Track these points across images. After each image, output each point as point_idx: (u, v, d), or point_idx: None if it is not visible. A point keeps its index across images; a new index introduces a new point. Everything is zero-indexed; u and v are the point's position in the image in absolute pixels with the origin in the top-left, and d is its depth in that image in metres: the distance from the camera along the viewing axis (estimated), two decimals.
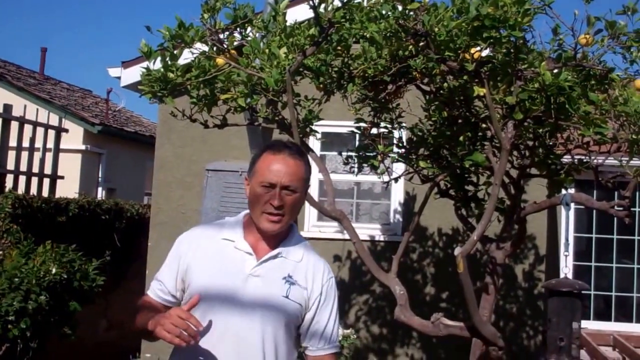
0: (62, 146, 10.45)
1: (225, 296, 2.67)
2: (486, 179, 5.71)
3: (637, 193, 10.81)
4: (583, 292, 4.64)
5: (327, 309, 2.82)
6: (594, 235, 11.06)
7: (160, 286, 2.85)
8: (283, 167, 2.71)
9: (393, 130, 5.82)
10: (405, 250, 7.80)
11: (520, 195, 5.57)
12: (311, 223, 8.81)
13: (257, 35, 5.19)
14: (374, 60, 4.84)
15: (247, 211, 2.85)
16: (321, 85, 5.30)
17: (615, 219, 10.88)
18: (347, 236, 5.17)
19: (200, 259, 2.74)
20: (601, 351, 8.83)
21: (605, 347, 9.67)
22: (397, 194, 8.60)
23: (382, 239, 8.54)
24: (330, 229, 8.59)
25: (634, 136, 4.73)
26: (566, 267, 4.80)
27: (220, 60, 4.96)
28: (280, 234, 2.79)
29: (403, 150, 5.81)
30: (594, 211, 10.39)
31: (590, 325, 10.78)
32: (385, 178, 5.79)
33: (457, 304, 8.26)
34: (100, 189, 16.23)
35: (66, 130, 11.34)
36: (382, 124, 5.78)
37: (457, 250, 4.50)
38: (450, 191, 5.76)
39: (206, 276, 2.70)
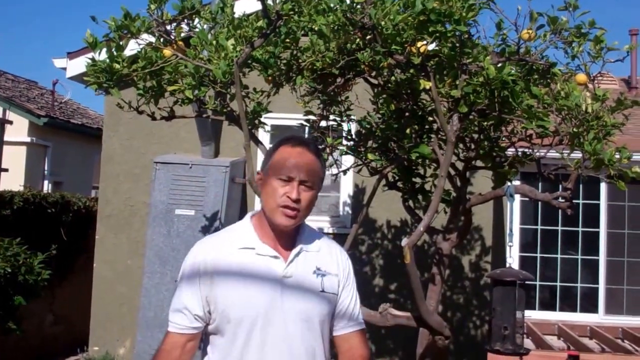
0: (6, 138, 10.29)
1: (265, 308, 2.54)
2: (433, 171, 5.78)
3: (581, 186, 11.05)
4: (527, 282, 4.72)
5: (350, 287, 2.79)
6: (539, 227, 11.25)
7: (187, 316, 2.57)
8: (302, 161, 2.63)
9: (342, 123, 5.86)
10: (354, 242, 7.87)
11: (466, 187, 5.67)
12: None
13: (204, 26, 5.18)
14: (322, 53, 4.87)
15: (252, 213, 2.78)
16: (270, 78, 5.31)
17: (559, 211, 11.09)
18: None
19: (223, 275, 2.55)
20: (546, 340, 9.00)
21: (550, 336, 9.85)
22: (347, 186, 8.66)
23: (331, 231, 8.58)
24: None
25: (575, 129, 4.82)
26: (510, 257, 4.88)
27: (167, 52, 4.94)
28: (293, 230, 2.68)
29: (352, 142, 5.84)
30: (539, 203, 10.57)
31: (536, 315, 10.96)
32: (334, 170, 5.83)
33: (405, 295, 8.35)
34: (46, 182, 15.99)
35: (10, 122, 11.15)
36: (331, 117, 5.80)
37: (404, 241, 4.55)
38: (398, 183, 5.82)
39: (237, 294, 2.52)
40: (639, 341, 9.44)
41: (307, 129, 6.05)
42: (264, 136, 8.21)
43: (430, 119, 5.41)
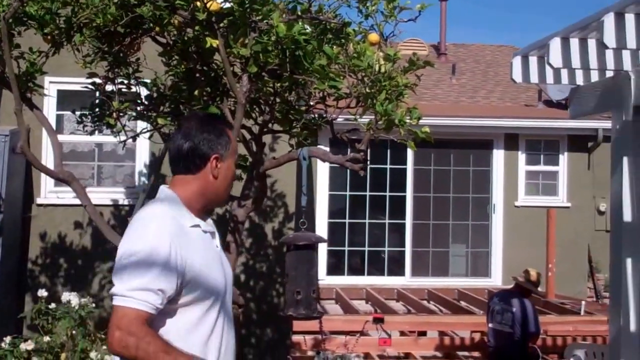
0: None
1: (224, 283, 2.60)
2: None
3: (388, 151, 11.26)
4: (320, 244, 4.62)
5: None
6: (348, 193, 11.37)
7: (159, 297, 2.37)
8: None
9: (133, 86, 5.52)
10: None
11: (262, 152, 5.49)
12: (48, 189, 8.20)
13: None
14: (97, 6, 4.51)
15: (167, 188, 2.63)
16: (48, 37, 4.91)
17: (368, 176, 11.28)
18: (93, 202, 4.88)
19: (191, 254, 2.46)
20: (354, 305, 9.10)
21: (358, 301, 10.00)
22: (143, 155, 8.24)
23: (127, 202, 8.17)
24: (69, 194, 8.03)
25: (367, 90, 4.76)
26: (303, 220, 4.76)
27: None
28: None
29: (143, 107, 5.52)
30: (349, 169, 10.67)
31: (345, 280, 11.11)
32: (122, 137, 5.49)
33: None
34: None
35: None
36: (119, 80, 5.45)
37: None
38: None
39: (207, 272, 2.50)
40: (444, 301, 9.77)
41: (97, 93, 5.66)
42: (50, 102, 7.69)
43: (224, 80, 5.19)
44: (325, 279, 11.08)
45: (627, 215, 4.44)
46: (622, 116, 4.50)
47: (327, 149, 9.84)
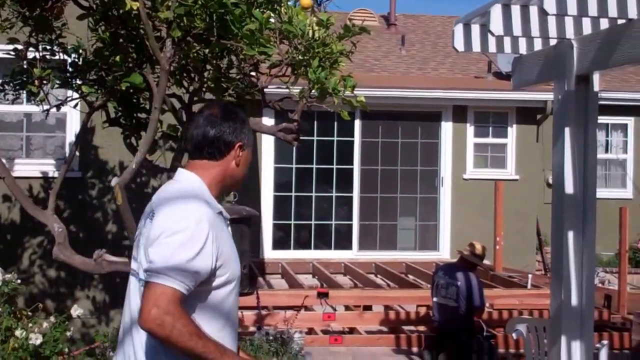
0: None
1: (240, 270, 2.66)
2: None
3: (335, 123, 11.09)
4: (251, 217, 4.46)
5: None
6: (294, 166, 11.19)
7: (195, 281, 2.42)
8: None
9: (57, 53, 5.24)
10: (82, 186, 7.29)
11: None
12: None
13: None
14: None
15: (189, 173, 2.66)
16: None
17: (314, 148, 11.13)
18: (21, 174, 4.63)
19: (222, 238, 2.54)
20: (299, 279, 8.97)
21: (305, 275, 9.89)
22: (74, 125, 7.88)
23: (57, 174, 7.85)
24: None
25: (300, 57, 4.56)
26: (234, 192, 4.59)
27: None
28: None
29: (68, 74, 5.25)
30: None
31: (291, 254, 10.97)
32: (46, 107, 5.23)
33: None
34: None
35: None
36: (42, 46, 5.17)
37: (115, 181, 4.33)
38: (121, 119, 5.30)
39: (232, 257, 2.59)
40: (391, 275, 9.68)
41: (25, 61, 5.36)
42: None
43: None
44: (271, 254, 10.93)
45: (569, 188, 4.32)
46: (564, 86, 4.36)
47: (272, 120, 9.67)
